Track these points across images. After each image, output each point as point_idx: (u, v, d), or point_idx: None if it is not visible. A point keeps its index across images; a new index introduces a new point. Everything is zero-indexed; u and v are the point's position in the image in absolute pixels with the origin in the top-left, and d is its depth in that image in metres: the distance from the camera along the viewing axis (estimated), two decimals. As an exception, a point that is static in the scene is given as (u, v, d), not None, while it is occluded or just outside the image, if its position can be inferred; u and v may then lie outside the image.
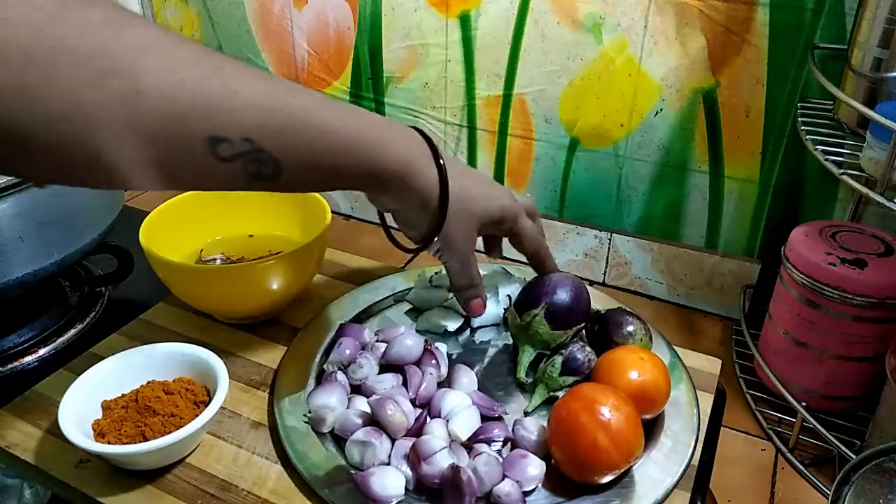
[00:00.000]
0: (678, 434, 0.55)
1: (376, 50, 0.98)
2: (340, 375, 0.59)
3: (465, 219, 0.53)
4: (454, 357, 0.64)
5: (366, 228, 1.12)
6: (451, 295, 0.69)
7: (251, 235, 0.76)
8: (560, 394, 0.57)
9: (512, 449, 0.53)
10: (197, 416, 0.51)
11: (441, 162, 0.50)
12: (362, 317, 0.69)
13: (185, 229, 0.72)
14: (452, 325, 0.67)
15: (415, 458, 0.50)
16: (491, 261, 0.67)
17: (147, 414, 0.53)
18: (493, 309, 0.68)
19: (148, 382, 0.56)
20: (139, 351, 0.57)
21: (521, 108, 0.92)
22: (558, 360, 0.58)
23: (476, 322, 0.68)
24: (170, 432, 0.50)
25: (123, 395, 0.55)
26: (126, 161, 0.35)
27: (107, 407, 0.54)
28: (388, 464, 0.51)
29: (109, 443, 0.51)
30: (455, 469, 0.47)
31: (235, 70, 0.39)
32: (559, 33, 0.85)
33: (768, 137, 0.80)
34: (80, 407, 0.52)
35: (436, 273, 0.73)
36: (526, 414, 0.57)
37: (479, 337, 0.67)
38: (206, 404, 0.53)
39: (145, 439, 0.51)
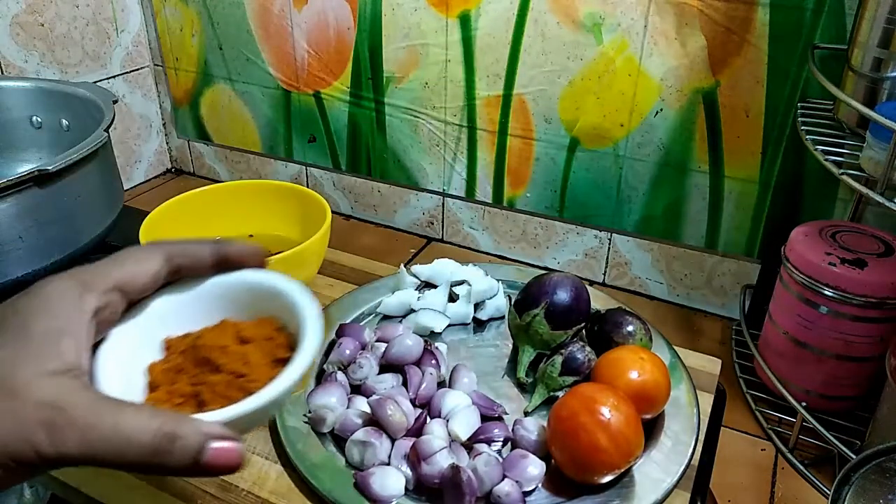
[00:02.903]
0: (678, 434, 0.55)
1: (376, 50, 0.98)
2: (340, 375, 0.59)
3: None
4: (454, 357, 0.64)
5: (366, 228, 1.12)
6: (423, 294, 0.69)
7: (251, 235, 0.76)
8: (560, 394, 0.57)
9: (512, 449, 0.53)
10: (272, 379, 0.35)
11: None
12: (362, 317, 0.69)
13: (185, 229, 0.72)
14: (439, 326, 0.67)
15: (415, 458, 0.50)
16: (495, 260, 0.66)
17: (206, 369, 0.37)
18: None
19: (221, 322, 0.40)
20: (216, 283, 0.41)
21: (521, 108, 0.92)
22: (558, 360, 0.58)
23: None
24: (235, 401, 0.34)
25: (188, 335, 0.40)
26: None
27: (168, 347, 0.40)
28: (388, 464, 0.51)
29: (159, 400, 0.36)
30: (455, 469, 0.47)
31: None
32: (559, 33, 0.85)
33: (768, 137, 0.80)
34: (132, 349, 0.38)
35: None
36: (526, 414, 0.57)
37: (474, 337, 0.67)
38: (286, 363, 0.37)
39: (200, 407, 0.36)
